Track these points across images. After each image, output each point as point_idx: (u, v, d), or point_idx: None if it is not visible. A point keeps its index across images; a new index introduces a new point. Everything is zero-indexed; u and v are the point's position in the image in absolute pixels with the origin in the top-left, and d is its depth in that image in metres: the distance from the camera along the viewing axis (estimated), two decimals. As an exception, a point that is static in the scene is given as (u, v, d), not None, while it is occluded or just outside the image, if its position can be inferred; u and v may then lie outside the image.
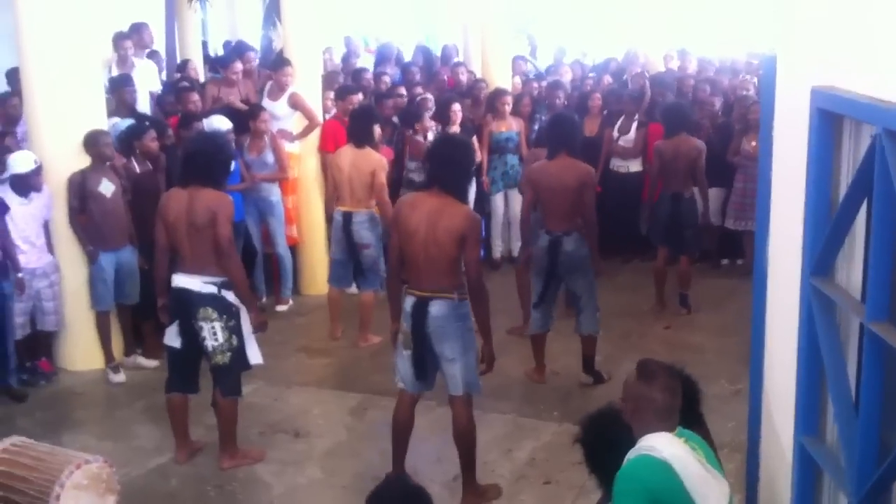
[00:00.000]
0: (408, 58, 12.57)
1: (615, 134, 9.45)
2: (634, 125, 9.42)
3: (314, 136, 8.49)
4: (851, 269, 3.11)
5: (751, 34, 13.20)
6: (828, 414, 3.23)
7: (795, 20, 3.48)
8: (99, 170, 6.63)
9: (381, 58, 12.20)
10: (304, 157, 8.47)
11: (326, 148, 8.28)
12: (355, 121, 7.51)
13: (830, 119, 3.05)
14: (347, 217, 7.22)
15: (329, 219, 7.56)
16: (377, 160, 7.26)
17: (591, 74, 11.70)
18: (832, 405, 3.11)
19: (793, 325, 3.32)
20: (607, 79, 10.97)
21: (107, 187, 6.63)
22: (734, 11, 14.63)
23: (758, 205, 4.13)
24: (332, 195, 7.42)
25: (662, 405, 3.13)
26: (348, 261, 7.35)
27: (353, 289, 7.87)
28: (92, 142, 6.60)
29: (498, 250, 9.40)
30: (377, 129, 7.48)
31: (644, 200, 9.14)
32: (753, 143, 8.76)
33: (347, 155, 7.30)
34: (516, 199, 9.38)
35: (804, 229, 3.15)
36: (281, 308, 8.23)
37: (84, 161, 6.62)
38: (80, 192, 6.59)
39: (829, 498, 3.32)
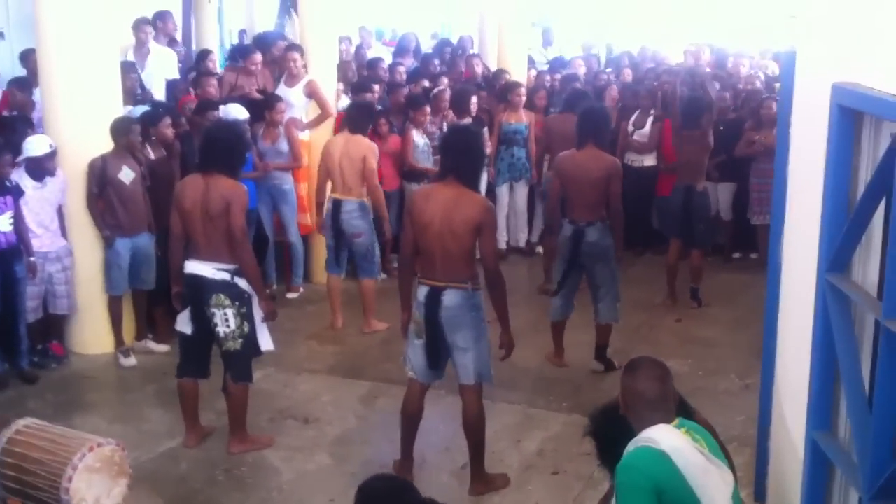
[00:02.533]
0: (424, 48, 12.54)
1: (630, 128, 9.44)
2: (650, 120, 9.42)
3: (328, 125, 8.50)
4: (868, 266, 3.10)
5: (767, 29, 13.12)
6: (840, 410, 3.23)
7: (816, 16, 3.47)
8: (120, 156, 6.64)
9: (400, 49, 12.18)
10: (316, 146, 8.46)
11: (340, 138, 8.27)
12: (354, 111, 7.58)
13: (850, 116, 3.04)
14: (337, 205, 7.25)
15: (319, 207, 7.56)
16: (367, 146, 7.26)
17: (608, 70, 11.66)
18: (845, 401, 3.10)
19: (807, 321, 3.31)
20: (627, 73, 10.93)
21: (127, 174, 6.64)
22: (751, 6, 14.54)
23: (773, 200, 4.12)
24: (324, 182, 7.42)
25: (651, 395, 3.18)
26: (339, 248, 7.37)
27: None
28: (123, 130, 6.61)
29: (503, 241, 9.41)
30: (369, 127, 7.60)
31: (658, 195, 9.16)
32: (760, 138, 8.77)
33: (339, 142, 7.34)
34: (521, 191, 9.44)
35: (821, 225, 3.14)
36: (291, 295, 8.26)
37: (99, 146, 6.63)
38: (100, 177, 6.60)
39: (840, 494, 3.32)
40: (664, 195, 9.42)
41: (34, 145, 6.45)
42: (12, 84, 7.79)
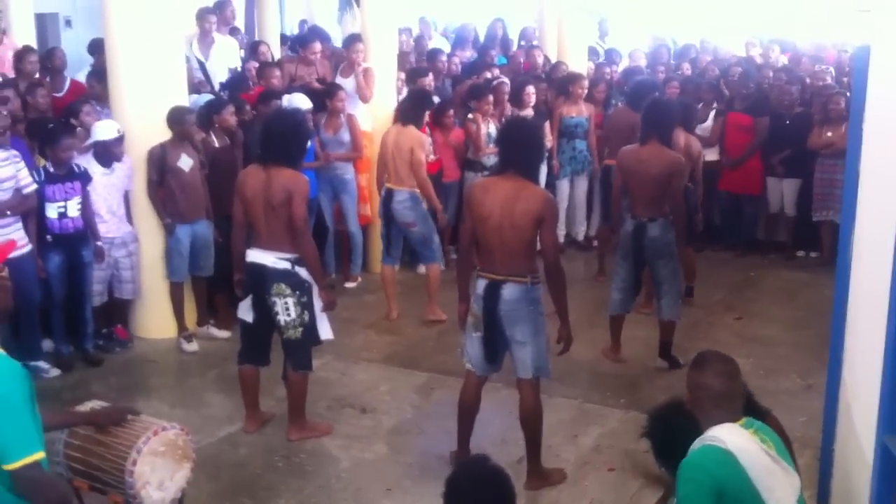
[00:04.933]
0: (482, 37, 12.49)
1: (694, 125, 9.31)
2: (712, 114, 9.29)
3: (387, 116, 8.53)
4: (944, 267, 3.03)
5: (839, 23, 12.81)
6: (912, 414, 3.16)
7: (893, 10, 3.38)
8: (179, 145, 6.73)
9: (459, 39, 12.16)
10: (377, 137, 8.49)
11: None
12: (408, 101, 7.60)
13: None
14: (389, 195, 7.29)
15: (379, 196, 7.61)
16: (416, 137, 7.27)
17: (671, 62, 11.52)
18: (918, 405, 3.04)
19: (878, 321, 3.25)
20: (686, 66, 10.79)
21: (185, 162, 6.73)
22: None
23: (844, 198, 4.04)
24: (382, 172, 7.45)
25: (718, 391, 3.15)
26: (391, 238, 7.41)
27: (423, 269, 7.92)
28: (178, 119, 6.69)
29: (561, 235, 9.36)
30: (426, 115, 7.60)
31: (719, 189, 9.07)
32: (829, 134, 8.60)
33: (392, 133, 7.38)
34: (581, 185, 9.39)
35: (898, 225, 3.07)
36: (350, 285, 8.31)
37: (165, 133, 6.73)
38: (160, 165, 6.70)
39: (909, 499, 3.25)
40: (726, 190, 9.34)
41: (102, 129, 6.56)
42: (91, 76, 7.91)
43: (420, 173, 7.25)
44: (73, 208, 6.37)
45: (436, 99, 8.39)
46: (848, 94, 8.29)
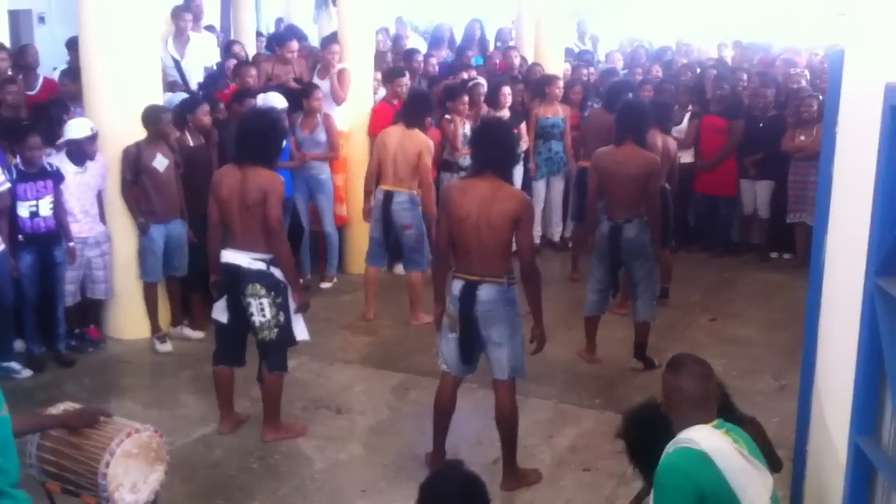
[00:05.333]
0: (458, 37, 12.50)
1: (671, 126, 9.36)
2: (686, 116, 9.34)
3: (364, 116, 8.51)
4: (917, 270, 3.05)
5: (813, 25, 12.95)
6: (885, 414, 3.18)
7: (868, 13, 3.41)
8: (154, 144, 6.68)
9: (435, 40, 12.15)
10: (354, 136, 8.48)
11: (375, 131, 8.14)
12: (412, 103, 7.51)
13: (905, 117, 2.99)
14: (388, 196, 7.23)
15: (367, 195, 7.55)
16: (424, 142, 7.26)
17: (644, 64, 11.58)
18: (891, 405, 3.06)
19: (851, 323, 3.27)
20: (656, 69, 10.84)
21: (160, 162, 6.68)
22: (798, 3, 14.36)
23: (817, 200, 4.07)
24: (374, 172, 7.41)
25: (693, 394, 3.16)
26: (385, 240, 7.37)
27: (400, 269, 7.90)
28: (153, 118, 6.63)
29: (537, 235, 9.37)
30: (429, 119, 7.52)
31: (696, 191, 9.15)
32: (802, 137, 8.68)
33: (395, 134, 7.30)
34: (557, 186, 9.41)
35: (871, 228, 3.09)
36: (325, 285, 8.29)
37: (139, 132, 6.67)
38: (135, 165, 6.64)
39: (882, 499, 3.27)
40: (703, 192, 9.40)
41: (75, 128, 6.50)
42: (64, 75, 7.82)
43: (427, 178, 7.25)
44: (45, 207, 6.30)
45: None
46: (821, 97, 8.37)
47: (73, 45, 8.00)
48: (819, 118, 7.90)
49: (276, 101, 7.53)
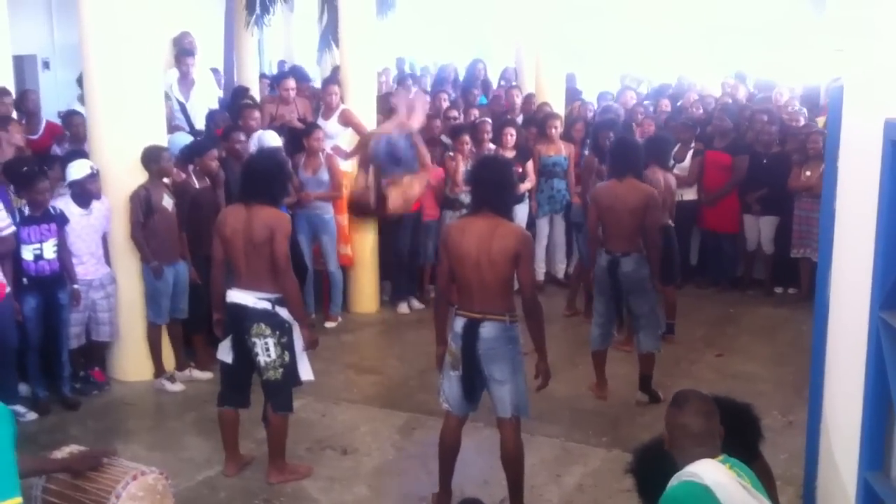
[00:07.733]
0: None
1: (670, 162, 9.39)
2: (690, 153, 9.37)
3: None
4: (922, 304, 3.05)
5: (810, 62, 13.04)
6: (894, 449, 3.17)
7: (866, 49, 3.44)
8: (159, 185, 6.72)
9: (440, 79, 12.26)
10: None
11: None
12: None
13: (905, 152, 3.00)
14: None
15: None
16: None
17: (645, 102, 11.63)
18: (900, 441, 3.05)
19: (858, 358, 3.26)
20: (665, 103, 10.89)
21: (168, 202, 6.73)
22: (794, 38, 14.48)
23: (820, 235, 4.08)
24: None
25: (697, 430, 3.16)
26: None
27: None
28: (154, 158, 6.65)
29: (541, 273, 9.37)
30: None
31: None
32: (808, 174, 8.68)
33: None
34: (560, 224, 9.43)
35: (874, 262, 3.10)
36: (329, 325, 8.28)
37: (143, 173, 6.71)
38: (147, 206, 6.65)
39: (893, 535, 3.25)
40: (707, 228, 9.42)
41: (75, 169, 6.54)
42: (73, 114, 7.86)
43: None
44: (49, 250, 6.32)
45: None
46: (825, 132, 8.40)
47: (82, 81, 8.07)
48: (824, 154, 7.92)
49: (271, 138, 7.59)
